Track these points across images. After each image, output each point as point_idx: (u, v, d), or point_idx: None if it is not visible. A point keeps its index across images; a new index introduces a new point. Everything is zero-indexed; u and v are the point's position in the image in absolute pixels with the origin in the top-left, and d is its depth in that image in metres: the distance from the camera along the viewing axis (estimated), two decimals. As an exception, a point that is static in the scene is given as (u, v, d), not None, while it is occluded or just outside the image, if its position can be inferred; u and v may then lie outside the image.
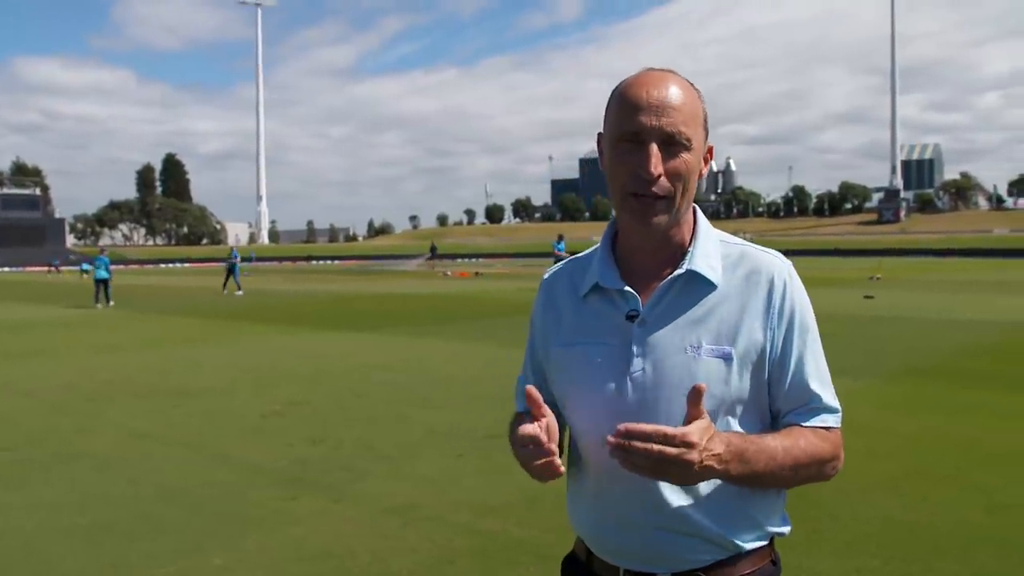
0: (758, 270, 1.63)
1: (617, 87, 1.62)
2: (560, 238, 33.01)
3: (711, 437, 1.43)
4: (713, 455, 1.43)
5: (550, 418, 1.54)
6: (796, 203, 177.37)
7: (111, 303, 25.70)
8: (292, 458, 6.71)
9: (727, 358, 1.56)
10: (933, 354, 12.00)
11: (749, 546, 1.61)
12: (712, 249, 1.64)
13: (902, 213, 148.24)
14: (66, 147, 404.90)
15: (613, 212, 1.68)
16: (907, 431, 7.27)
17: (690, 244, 1.64)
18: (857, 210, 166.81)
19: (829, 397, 1.64)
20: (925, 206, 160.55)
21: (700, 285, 1.61)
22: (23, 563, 4.60)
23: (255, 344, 15.01)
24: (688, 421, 1.43)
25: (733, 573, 1.60)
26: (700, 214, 1.69)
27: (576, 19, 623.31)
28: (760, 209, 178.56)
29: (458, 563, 4.51)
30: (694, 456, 1.40)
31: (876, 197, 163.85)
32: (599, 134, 1.66)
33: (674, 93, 1.55)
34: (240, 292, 31.25)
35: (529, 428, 1.50)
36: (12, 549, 4.80)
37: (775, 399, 1.64)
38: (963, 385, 9.57)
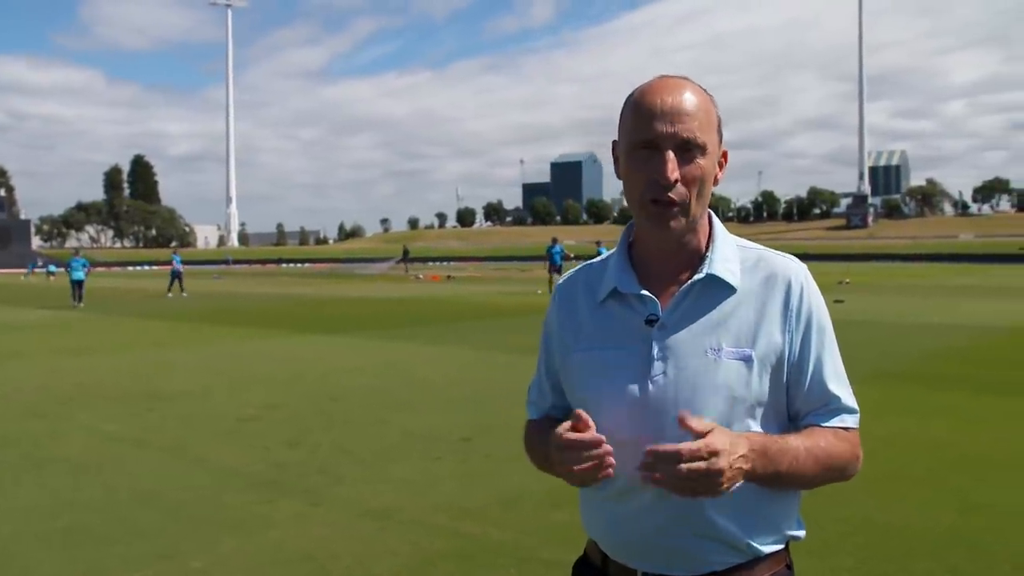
0: (775, 273, 1.64)
1: (631, 95, 1.63)
2: (555, 241, 31.88)
3: (733, 440, 1.45)
4: (739, 456, 1.44)
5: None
6: (765, 208, 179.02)
7: (81, 303, 26.09)
8: (269, 462, 6.68)
9: (748, 360, 1.58)
10: (903, 358, 12.15)
11: (767, 550, 1.62)
12: (730, 253, 1.66)
13: (870, 218, 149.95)
14: (32, 147, 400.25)
15: (617, 217, 1.67)
16: (881, 434, 7.34)
17: (708, 248, 1.66)
18: (825, 215, 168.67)
19: (847, 397, 1.66)
20: (892, 212, 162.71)
21: (719, 289, 1.62)
22: (-2, 568, 4.55)
23: (228, 347, 14.90)
24: (696, 439, 1.43)
25: None
26: (716, 219, 1.71)
27: (547, 23, 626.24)
28: (730, 214, 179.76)
29: (439, 566, 4.51)
30: (723, 463, 1.40)
31: (844, 202, 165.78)
32: (614, 142, 1.67)
33: (688, 99, 1.57)
34: (170, 295, 31.64)
35: (579, 432, 1.49)
36: (-14, 554, 4.74)
37: (793, 400, 1.65)
38: (934, 388, 9.69)
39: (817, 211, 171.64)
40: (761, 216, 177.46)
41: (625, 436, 1.52)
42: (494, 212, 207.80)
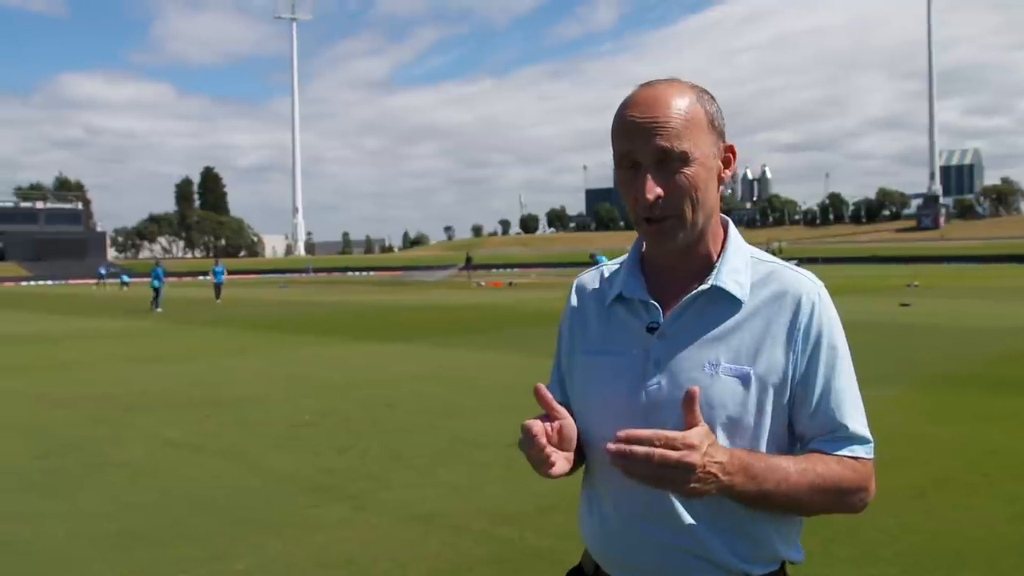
0: (785, 290, 1.57)
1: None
2: (592, 257, 32.79)
3: (712, 443, 1.39)
4: (716, 462, 1.38)
5: (566, 420, 1.53)
6: (832, 210, 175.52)
7: (159, 309, 29.52)
8: (319, 467, 6.80)
9: (745, 378, 1.52)
10: (968, 361, 11.86)
11: (757, 572, 1.56)
12: (741, 265, 1.60)
13: (941, 219, 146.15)
14: (107, 161, 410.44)
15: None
16: (938, 439, 7.20)
17: (718, 258, 1.60)
18: (895, 217, 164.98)
19: (858, 426, 1.56)
20: (965, 212, 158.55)
21: (724, 302, 1.57)
22: (52, 569, 4.71)
23: (289, 355, 15.17)
24: (686, 428, 1.38)
25: None
26: (732, 228, 1.65)
27: (610, 28, 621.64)
28: (796, 217, 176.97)
29: (475, 570, 4.55)
30: (696, 458, 1.34)
31: (914, 203, 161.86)
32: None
33: (662, 108, 1.51)
34: (219, 301, 34.50)
35: (531, 422, 1.49)
36: (42, 556, 4.92)
37: (798, 424, 1.58)
38: (997, 393, 9.45)
39: (886, 213, 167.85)
40: (828, 219, 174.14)
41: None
42: (557, 218, 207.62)
